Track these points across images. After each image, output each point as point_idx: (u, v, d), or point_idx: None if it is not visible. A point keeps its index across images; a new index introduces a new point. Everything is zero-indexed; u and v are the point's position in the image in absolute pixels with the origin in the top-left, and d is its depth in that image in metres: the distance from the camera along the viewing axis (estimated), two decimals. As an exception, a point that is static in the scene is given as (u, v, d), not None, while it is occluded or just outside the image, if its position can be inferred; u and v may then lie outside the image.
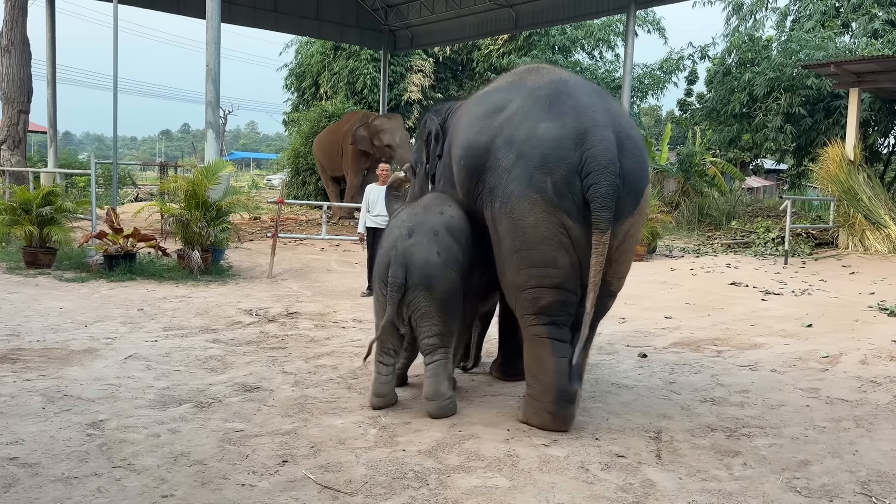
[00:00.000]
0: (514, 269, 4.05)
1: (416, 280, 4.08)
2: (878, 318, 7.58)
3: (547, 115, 3.98)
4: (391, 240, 4.20)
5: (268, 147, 79.57)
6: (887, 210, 12.83)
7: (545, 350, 4.04)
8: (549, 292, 3.98)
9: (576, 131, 3.89)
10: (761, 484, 3.44)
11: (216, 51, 10.57)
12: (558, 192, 3.85)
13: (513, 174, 3.94)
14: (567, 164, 3.84)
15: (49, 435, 3.75)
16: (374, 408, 4.32)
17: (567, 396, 4.04)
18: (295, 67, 29.74)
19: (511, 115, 4.09)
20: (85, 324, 6.40)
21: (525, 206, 3.90)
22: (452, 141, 4.62)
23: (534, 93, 4.14)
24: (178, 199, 9.38)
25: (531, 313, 4.06)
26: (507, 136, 4.03)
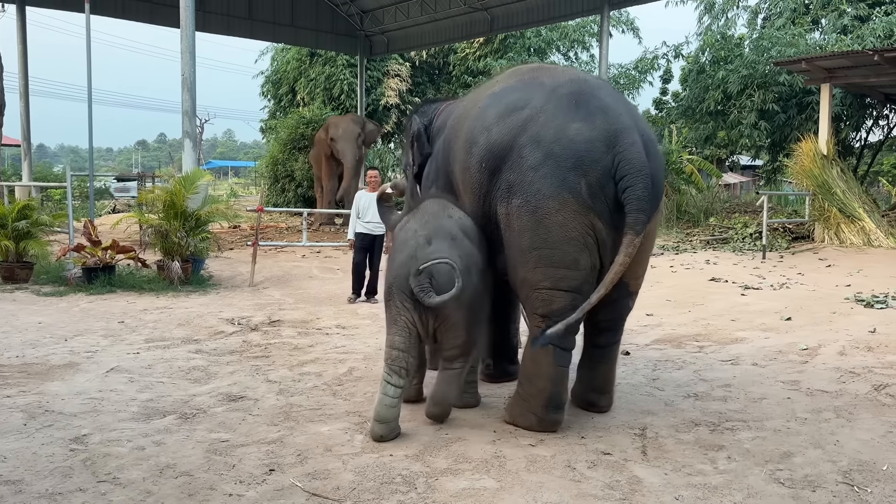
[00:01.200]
0: (531, 266, 3.97)
1: (443, 287, 3.88)
2: (856, 309, 7.69)
3: (576, 115, 3.93)
4: (409, 250, 3.98)
5: (245, 155, 79.19)
6: (861, 203, 13.03)
7: (546, 356, 4.01)
8: (563, 295, 3.93)
9: (606, 134, 3.88)
10: (745, 477, 3.48)
11: (191, 60, 10.50)
12: (592, 193, 3.84)
13: (540, 172, 3.87)
14: (601, 167, 3.84)
15: (31, 451, 3.71)
16: (376, 437, 3.89)
17: (557, 404, 4.05)
18: (271, 74, 29.64)
19: (534, 114, 4.00)
20: (65, 338, 6.34)
21: (553, 205, 3.84)
22: (457, 148, 4.47)
23: (556, 91, 4.07)
24: (157, 210, 9.31)
25: (540, 315, 4.01)
26: (533, 135, 3.94)
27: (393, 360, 3.98)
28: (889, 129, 18.26)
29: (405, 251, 4.03)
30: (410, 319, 3.97)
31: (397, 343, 3.99)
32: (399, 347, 3.98)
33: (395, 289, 3.99)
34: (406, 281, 3.93)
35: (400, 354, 3.97)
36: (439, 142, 4.91)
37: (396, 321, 4.00)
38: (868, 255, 11.69)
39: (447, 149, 4.65)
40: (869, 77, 13.10)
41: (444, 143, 4.74)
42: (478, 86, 5.27)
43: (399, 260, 4.04)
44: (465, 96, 5.08)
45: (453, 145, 4.53)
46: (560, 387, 4.06)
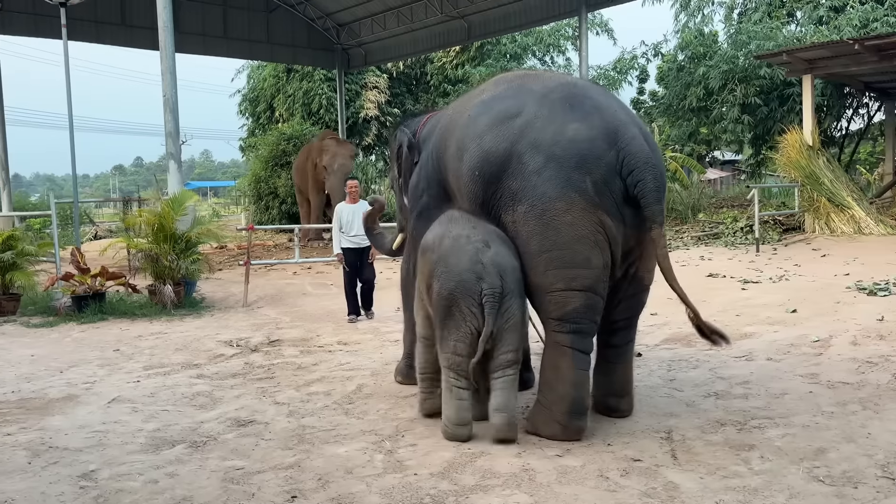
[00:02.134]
0: (541, 270, 3.93)
1: (512, 287, 3.89)
2: (859, 297, 7.66)
3: (571, 116, 3.94)
4: (469, 255, 3.91)
5: (224, 174, 78.63)
6: (849, 192, 13.07)
7: (566, 360, 3.94)
8: (577, 295, 3.88)
9: (605, 131, 3.90)
10: (783, 476, 3.39)
11: (172, 80, 10.32)
12: (598, 191, 3.83)
13: (544, 176, 3.85)
14: (605, 164, 3.84)
15: (39, 491, 3.55)
16: (463, 439, 3.96)
17: (580, 409, 3.96)
18: (248, 92, 29.45)
19: (530, 120, 3.99)
20: (60, 370, 6.15)
21: (561, 206, 3.82)
22: (448, 156, 4.45)
23: (548, 96, 4.07)
24: (146, 234, 9.11)
25: (556, 318, 3.95)
26: (532, 141, 3.93)
27: (458, 364, 3.95)
28: (869, 118, 18.40)
29: (463, 257, 3.94)
30: (477, 325, 3.90)
31: (461, 349, 3.94)
32: (462, 353, 3.94)
33: (461, 295, 3.90)
34: (474, 286, 3.87)
35: (464, 360, 3.95)
36: (426, 152, 4.89)
37: (460, 327, 3.93)
38: (860, 243, 11.71)
39: (437, 158, 4.63)
40: (850, 66, 13.16)
41: (434, 152, 4.71)
42: (461, 95, 5.27)
43: (459, 267, 3.93)
44: (450, 105, 5.08)
45: (443, 154, 4.51)
46: (583, 391, 3.97)
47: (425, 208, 4.79)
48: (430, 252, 4.16)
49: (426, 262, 4.18)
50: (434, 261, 4.07)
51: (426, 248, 4.22)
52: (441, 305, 3.97)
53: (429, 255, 4.16)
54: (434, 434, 4.14)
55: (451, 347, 3.96)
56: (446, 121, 4.67)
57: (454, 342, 3.94)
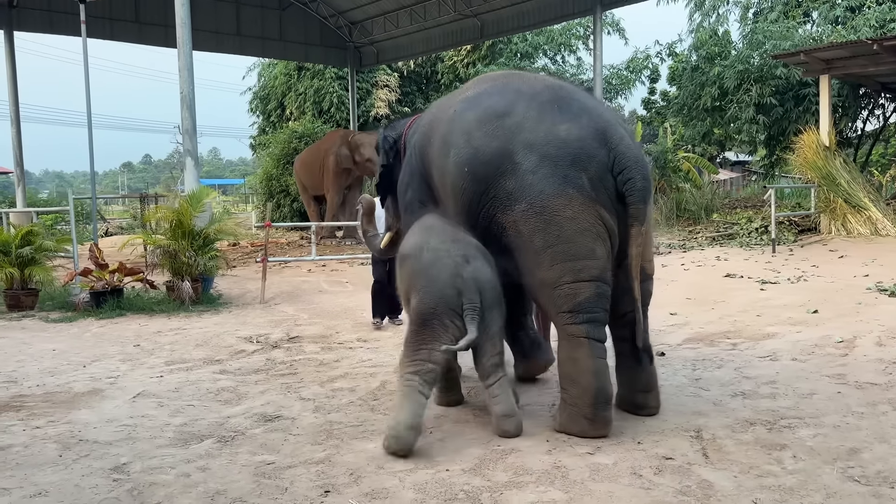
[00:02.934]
0: (546, 265, 3.98)
1: (490, 302, 3.95)
2: (880, 299, 7.62)
3: (561, 117, 4.05)
4: (450, 268, 3.94)
5: (232, 172, 78.75)
6: (866, 193, 13.01)
7: (583, 350, 3.95)
8: (588, 286, 3.93)
9: (595, 131, 4.01)
10: (818, 476, 3.37)
11: (189, 77, 10.37)
12: (594, 186, 3.94)
13: (539, 175, 3.94)
14: (598, 161, 3.96)
15: (73, 483, 3.56)
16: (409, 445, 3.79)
17: (605, 398, 3.96)
18: (259, 90, 29.54)
19: (520, 121, 4.08)
20: (83, 364, 6.17)
21: (561, 202, 3.91)
22: (431, 151, 4.52)
23: (536, 98, 4.17)
24: (164, 230, 9.14)
25: (567, 311, 3.97)
26: (524, 141, 4.02)
27: (427, 372, 3.93)
28: (885, 119, 18.32)
29: (445, 270, 3.97)
30: (456, 336, 3.93)
31: (435, 358, 3.94)
32: (437, 362, 3.95)
33: (443, 310, 3.93)
34: (455, 301, 3.91)
35: (436, 369, 3.96)
36: (410, 149, 4.98)
37: (439, 339, 3.93)
38: (878, 244, 11.65)
39: (420, 155, 4.71)
40: (867, 67, 13.10)
41: (416, 148, 4.78)
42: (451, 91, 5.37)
43: (439, 283, 3.96)
44: (433, 104, 5.17)
45: (427, 150, 4.58)
46: (604, 380, 3.97)
47: (410, 204, 4.88)
48: (408, 261, 4.19)
49: (404, 271, 4.22)
50: (413, 272, 4.11)
51: (404, 255, 4.26)
52: (420, 319, 3.99)
53: (407, 264, 4.20)
54: (462, 431, 4.14)
55: (424, 356, 3.94)
56: (429, 118, 4.78)
57: (429, 351, 3.93)
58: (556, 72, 23.94)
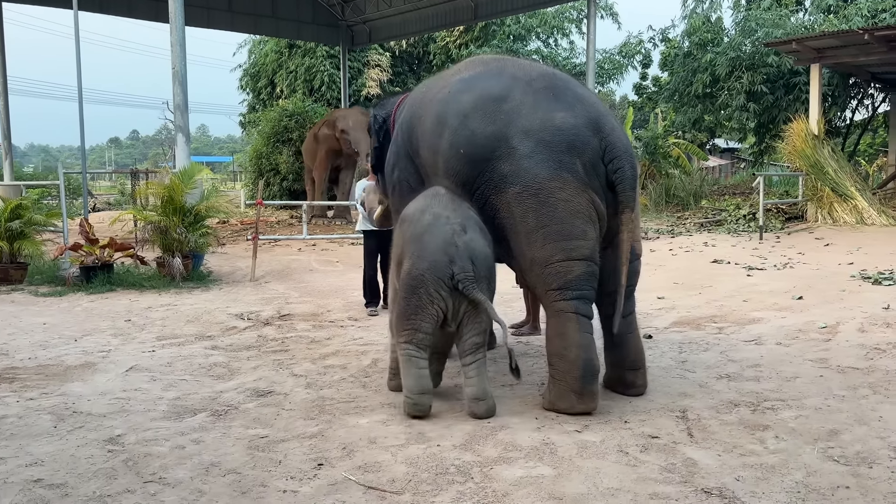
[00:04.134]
0: (539, 244, 4.09)
1: (482, 273, 4.00)
2: (864, 286, 7.75)
3: (557, 105, 4.19)
4: (444, 236, 3.96)
5: (220, 150, 78.14)
6: (852, 182, 13.14)
7: (571, 325, 4.04)
8: (578, 264, 4.05)
9: (588, 120, 4.17)
10: (799, 455, 3.46)
11: (182, 53, 10.31)
12: (587, 172, 4.10)
13: (535, 159, 4.07)
14: (591, 149, 4.11)
15: (68, 454, 3.60)
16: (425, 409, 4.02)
17: (592, 371, 4.04)
18: (249, 67, 29.34)
19: (517, 106, 4.19)
20: (74, 338, 6.19)
21: (556, 185, 4.05)
22: (421, 131, 4.57)
23: (531, 85, 4.29)
24: (155, 206, 9.12)
25: (557, 288, 4.07)
26: (521, 127, 4.14)
27: (420, 340, 4.02)
28: (874, 109, 18.45)
29: (438, 237, 4.00)
30: (443, 307, 3.98)
31: (424, 328, 4.01)
32: (426, 332, 4.02)
33: (431, 277, 3.95)
34: (445, 269, 3.93)
35: (427, 337, 4.04)
36: (397, 128, 5.02)
37: (426, 308, 3.98)
38: (863, 233, 11.79)
39: (408, 132, 4.75)
40: (858, 56, 13.19)
41: (406, 126, 4.81)
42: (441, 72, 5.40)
43: (432, 247, 3.99)
44: (423, 83, 5.20)
45: (417, 128, 4.62)
46: (592, 353, 4.06)
47: (398, 183, 4.94)
48: (407, 224, 4.22)
49: (401, 234, 4.24)
50: (409, 236, 4.13)
51: (406, 218, 4.28)
52: (408, 285, 4.02)
53: (406, 226, 4.22)
54: (453, 408, 4.21)
55: (413, 325, 4.00)
56: (419, 97, 4.82)
57: (419, 321, 3.99)
58: (549, 55, 23.87)
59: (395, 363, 4.55)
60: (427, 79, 5.34)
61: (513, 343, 4.17)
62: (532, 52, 24.18)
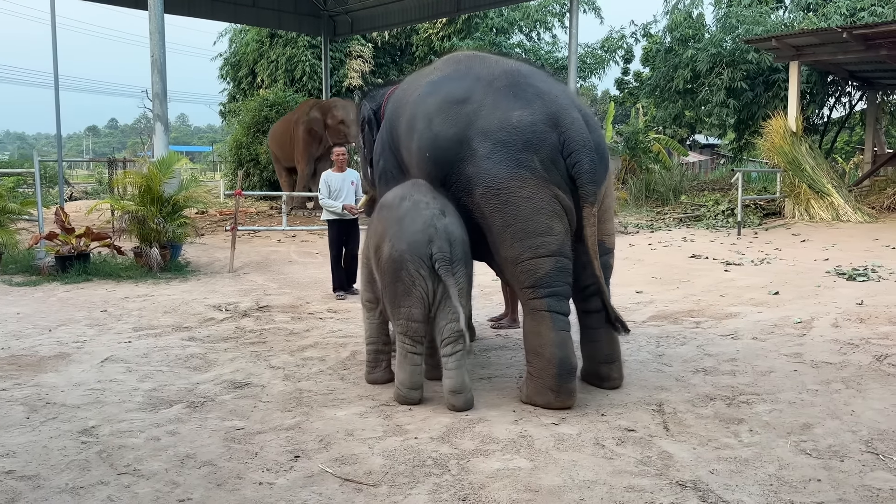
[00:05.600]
0: (508, 244, 4.13)
1: (459, 256, 4.04)
2: (838, 282, 7.84)
3: (514, 104, 4.21)
4: (423, 219, 4.01)
5: (200, 139, 77.41)
6: (829, 179, 13.29)
7: (545, 323, 4.07)
8: (546, 261, 4.07)
9: (546, 116, 4.17)
10: (772, 448, 3.50)
11: (160, 41, 10.20)
12: (546, 168, 4.10)
13: (494, 160, 4.10)
14: (549, 144, 4.12)
15: (41, 445, 3.56)
16: (413, 402, 4.11)
17: (568, 369, 4.05)
18: (230, 57, 29.03)
19: (478, 108, 4.23)
20: (48, 328, 6.12)
21: (516, 184, 4.08)
22: (399, 128, 4.66)
23: (493, 84, 4.32)
24: (132, 196, 9.01)
25: (529, 286, 4.11)
26: (480, 128, 4.17)
27: (414, 331, 4.06)
28: (851, 107, 18.66)
29: (417, 220, 4.04)
30: (425, 288, 4.02)
31: (416, 315, 4.04)
32: (419, 319, 4.05)
33: (410, 257, 3.98)
34: (423, 249, 3.98)
35: (420, 326, 4.07)
36: (384, 122, 5.09)
37: (411, 293, 4.01)
38: (839, 229, 11.93)
39: (391, 129, 4.83)
40: (836, 54, 13.31)
41: (388, 122, 4.91)
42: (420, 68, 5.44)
43: (412, 229, 4.03)
44: (407, 78, 5.24)
45: (396, 127, 4.71)
46: (567, 350, 4.07)
47: (383, 173, 5.00)
48: (386, 210, 4.24)
49: (380, 220, 4.25)
50: (389, 221, 4.16)
51: (384, 204, 4.31)
52: (390, 269, 4.05)
53: (384, 212, 4.24)
54: (430, 400, 4.20)
55: (405, 314, 4.05)
56: (400, 95, 4.89)
57: (408, 308, 4.03)
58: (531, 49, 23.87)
59: (372, 356, 4.58)
60: (410, 75, 5.34)
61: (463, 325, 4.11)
62: (514, 45, 24.14)
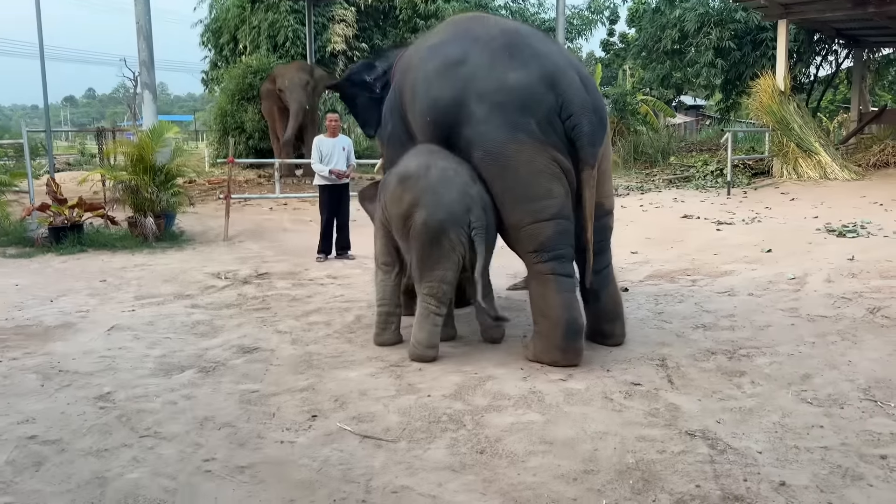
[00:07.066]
0: (510, 208, 4.19)
1: (490, 223, 4.17)
2: (829, 239, 7.97)
3: (511, 65, 4.19)
4: (458, 187, 4.10)
5: (180, 108, 76.34)
6: (817, 138, 13.37)
7: (550, 286, 4.14)
8: (548, 225, 4.11)
9: (543, 77, 4.15)
10: (774, 399, 3.61)
11: (146, 7, 10.02)
12: (543, 130, 4.10)
13: (491, 123, 4.12)
14: (546, 106, 4.10)
15: (59, 411, 3.61)
16: (429, 359, 4.24)
17: (575, 329, 4.14)
18: (211, 23, 28.54)
19: (474, 69, 4.23)
20: (50, 299, 6.12)
21: (513, 148, 4.10)
22: (405, 94, 4.67)
23: (489, 45, 4.31)
24: (125, 166, 8.94)
25: (532, 250, 4.17)
26: (476, 91, 4.17)
27: (443, 293, 4.21)
28: (837, 65, 18.72)
29: (452, 188, 4.12)
30: (463, 253, 4.14)
31: (448, 278, 4.19)
32: (449, 282, 4.21)
33: (451, 224, 4.08)
34: (464, 217, 4.08)
35: (449, 289, 4.23)
36: (393, 84, 5.08)
37: (449, 257, 4.14)
38: (826, 187, 12.06)
39: (399, 94, 4.84)
40: (824, 12, 13.32)
41: (397, 87, 4.91)
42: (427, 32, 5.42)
43: (449, 197, 4.10)
44: (416, 42, 5.26)
45: (403, 93, 4.73)
46: (574, 312, 4.16)
47: (391, 136, 5.01)
48: (413, 180, 4.25)
49: (408, 190, 4.25)
50: (420, 189, 4.18)
51: (408, 175, 4.30)
52: (428, 235, 4.11)
53: (411, 182, 4.25)
54: (440, 360, 4.28)
55: (438, 276, 4.15)
56: (406, 59, 4.89)
57: (442, 271, 4.14)
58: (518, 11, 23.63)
59: (382, 318, 4.64)
60: (417, 40, 5.32)
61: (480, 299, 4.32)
62: (499, 7, 23.88)
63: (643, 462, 2.94)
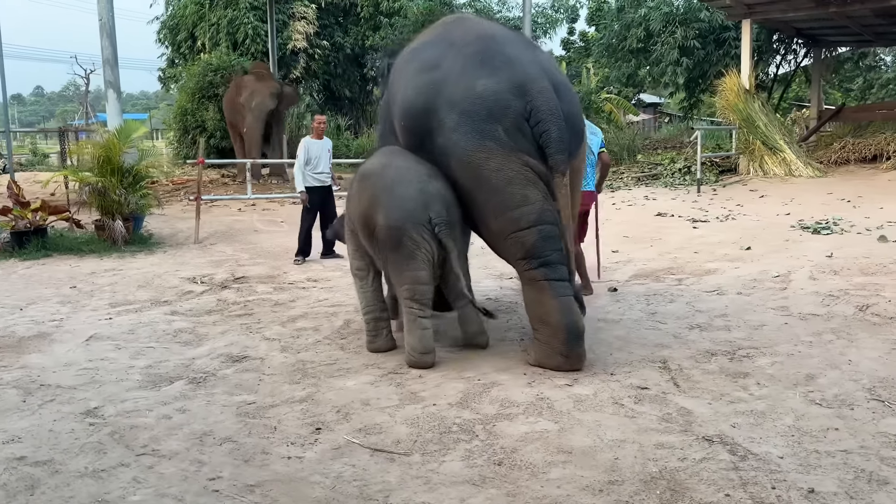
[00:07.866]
0: (490, 218, 4.16)
1: (455, 217, 4.11)
2: (804, 236, 8.06)
3: (481, 71, 4.14)
4: (415, 185, 4.04)
5: (134, 107, 74.70)
6: (781, 135, 13.58)
7: (544, 293, 4.07)
8: (530, 232, 4.05)
9: (512, 85, 4.09)
10: (783, 400, 3.59)
11: (109, 4, 9.73)
12: (512, 136, 4.04)
13: (460, 132, 4.07)
14: (513, 112, 4.04)
15: (46, 429, 3.42)
16: (428, 365, 4.13)
17: (576, 333, 4.07)
18: (167, 20, 27.92)
19: (445, 75, 4.18)
20: (18, 307, 5.86)
21: (482, 156, 4.04)
22: (391, 95, 4.62)
23: (462, 51, 4.26)
24: (91, 167, 8.63)
25: (521, 258, 4.12)
26: (447, 98, 4.13)
27: (422, 294, 4.11)
28: (797, 64, 19.04)
29: (410, 186, 4.06)
30: (430, 250, 4.06)
31: (423, 278, 4.08)
32: (425, 282, 4.10)
33: (410, 223, 4.00)
34: (422, 213, 4.00)
35: (427, 289, 4.13)
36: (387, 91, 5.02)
37: (415, 256, 4.04)
38: (793, 185, 12.24)
39: (388, 96, 4.79)
40: (787, 12, 13.53)
41: (388, 90, 4.85)
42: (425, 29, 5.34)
43: (406, 194, 4.04)
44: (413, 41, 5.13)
45: (391, 93, 4.67)
46: (573, 315, 4.09)
47: (381, 137, 4.97)
48: (369, 179, 4.21)
49: (364, 189, 4.22)
50: (377, 190, 4.14)
51: (365, 174, 4.28)
52: (389, 238, 4.05)
53: (368, 182, 4.21)
54: (439, 366, 4.18)
55: (410, 278, 4.07)
56: (398, 64, 4.80)
57: (413, 271, 4.06)
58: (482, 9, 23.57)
59: (371, 325, 4.53)
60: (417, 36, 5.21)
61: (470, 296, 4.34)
62: (462, 6, 23.79)
63: (666, 471, 2.88)
